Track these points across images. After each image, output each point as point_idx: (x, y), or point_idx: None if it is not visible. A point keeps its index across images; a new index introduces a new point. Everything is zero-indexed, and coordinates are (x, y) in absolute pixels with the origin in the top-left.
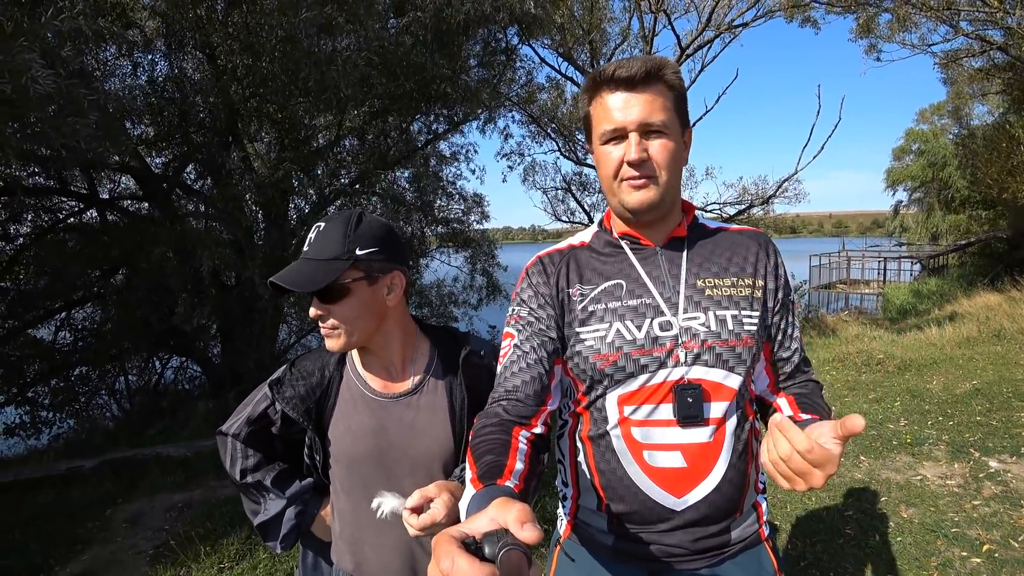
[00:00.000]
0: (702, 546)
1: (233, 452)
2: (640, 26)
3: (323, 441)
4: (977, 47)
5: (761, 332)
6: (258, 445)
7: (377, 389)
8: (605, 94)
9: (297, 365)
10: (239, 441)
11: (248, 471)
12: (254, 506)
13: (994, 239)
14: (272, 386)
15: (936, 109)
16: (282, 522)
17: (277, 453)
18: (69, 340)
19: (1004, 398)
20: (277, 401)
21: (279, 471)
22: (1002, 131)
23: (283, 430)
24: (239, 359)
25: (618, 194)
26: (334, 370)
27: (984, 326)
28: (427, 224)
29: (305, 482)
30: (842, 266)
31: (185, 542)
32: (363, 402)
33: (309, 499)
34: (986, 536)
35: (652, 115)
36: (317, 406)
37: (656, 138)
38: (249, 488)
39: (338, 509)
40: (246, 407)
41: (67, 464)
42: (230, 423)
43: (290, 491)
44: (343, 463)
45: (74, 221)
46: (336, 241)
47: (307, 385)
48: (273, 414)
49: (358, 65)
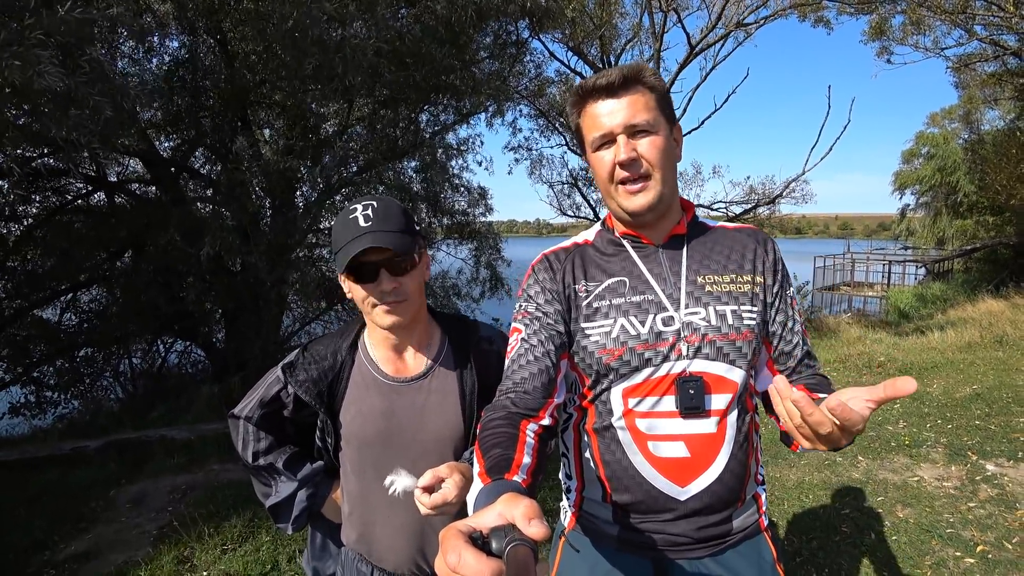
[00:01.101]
0: (705, 535)
1: (245, 435)
2: (651, 22)
3: (335, 424)
4: (991, 52)
5: (761, 327)
6: (270, 428)
7: (389, 373)
8: (590, 104)
9: (310, 349)
10: (251, 424)
11: (260, 453)
12: (265, 488)
13: (1000, 245)
14: (285, 369)
15: (947, 113)
16: (294, 504)
17: (288, 436)
18: (75, 322)
19: (1004, 403)
20: (290, 384)
21: (291, 454)
22: (1012, 137)
23: (295, 413)
24: (243, 345)
25: (616, 198)
26: (346, 354)
27: (987, 331)
28: (434, 215)
29: (316, 464)
30: (846, 268)
31: (188, 523)
32: (375, 386)
33: (320, 481)
34: (980, 537)
35: (636, 116)
36: (329, 389)
37: (643, 137)
38: (261, 470)
39: (348, 491)
40: (258, 390)
41: (72, 444)
42: (242, 406)
43: (302, 473)
44: (354, 445)
45: (82, 203)
46: (399, 216)
47: (319, 369)
48: (285, 397)
49: (367, 54)
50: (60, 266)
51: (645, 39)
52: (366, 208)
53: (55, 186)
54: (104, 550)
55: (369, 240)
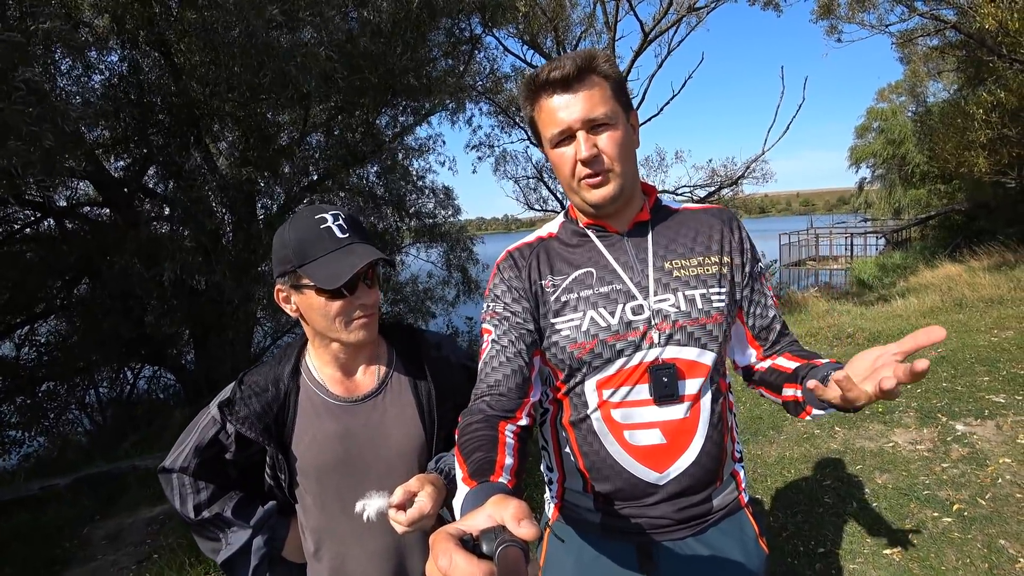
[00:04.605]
0: (686, 515)
1: (182, 489)
2: (603, 12)
3: (287, 457)
4: (932, 26)
5: (731, 307)
6: (209, 476)
7: (339, 394)
8: (544, 98)
9: (246, 382)
10: (187, 475)
11: (203, 505)
12: (213, 544)
13: (953, 212)
14: (222, 408)
15: (894, 88)
16: (251, 553)
17: (231, 481)
18: (33, 355)
19: (967, 364)
20: (229, 423)
21: (238, 499)
22: (957, 107)
23: (238, 454)
24: (214, 365)
25: (579, 192)
26: (289, 382)
27: (946, 295)
28: (400, 219)
29: (268, 506)
30: (811, 243)
31: (168, 554)
32: (326, 409)
33: (276, 523)
34: (955, 496)
35: (594, 110)
36: (276, 421)
37: (603, 131)
38: (206, 524)
39: (311, 526)
40: (191, 435)
41: (40, 483)
42: (173, 458)
43: (255, 519)
44: (312, 476)
45: (30, 231)
46: (364, 229)
47: (262, 401)
48: (226, 439)
49: (319, 59)
50: (13, 298)
51: (601, 29)
52: (336, 218)
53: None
54: None
55: (367, 254)
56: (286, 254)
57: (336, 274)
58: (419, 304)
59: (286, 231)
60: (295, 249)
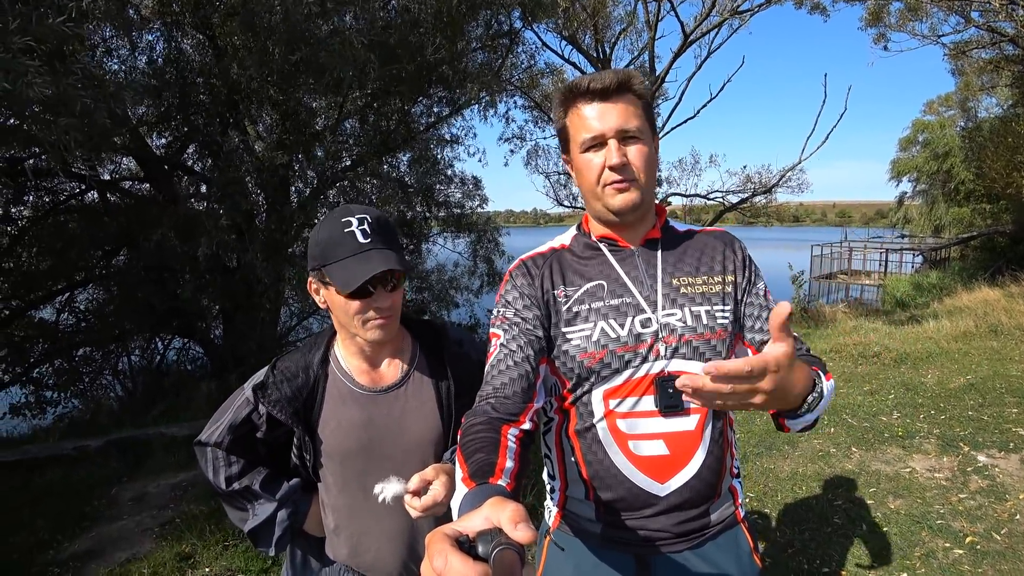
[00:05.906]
0: (684, 529)
1: (215, 462)
2: (644, 11)
3: (313, 440)
4: (988, 38)
5: (734, 324)
6: (240, 451)
7: (365, 384)
8: (581, 105)
9: (279, 367)
10: (220, 449)
11: (234, 478)
12: (241, 513)
13: (997, 233)
14: (256, 390)
15: (944, 100)
16: (275, 525)
17: (260, 457)
18: (72, 321)
19: (997, 393)
20: (262, 404)
21: (266, 474)
22: (1009, 125)
23: (268, 434)
24: (241, 341)
25: (602, 198)
26: (318, 369)
27: (981, 321)
28: (428, 208)
29: (293, 482)
30: (844, 256)
31: (190, 520)
32: (351, 397)
33: (299, 499)
34: (970, 528)
35: (627, 122)
36: (305, 406)
37: (633, 143)
38: (235, 495)
39: (332, 505)
40: (225, 414)
41: (73, 443)
42: (208, 433)
43: (280, 493)
44: (336, 459)
45: (75, 202)
46: (392, 230)
47: (292, 386)
48: (257, 419)
49: (356, 47)
50: (56, 266)
51: (641, 28)
52: (361, 222)
53: (47, 186)
54: (107, 548)
55: (381, 262)
56: (315, 251)
57: (350, 279)
58: (443, 292)
59: (318, 229)
60: (321, 249)
